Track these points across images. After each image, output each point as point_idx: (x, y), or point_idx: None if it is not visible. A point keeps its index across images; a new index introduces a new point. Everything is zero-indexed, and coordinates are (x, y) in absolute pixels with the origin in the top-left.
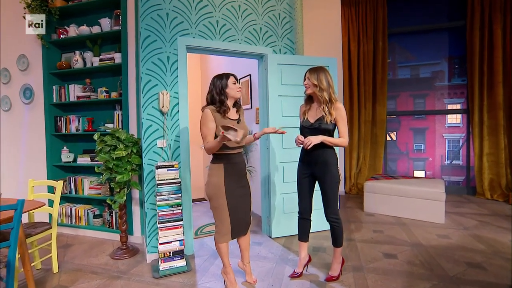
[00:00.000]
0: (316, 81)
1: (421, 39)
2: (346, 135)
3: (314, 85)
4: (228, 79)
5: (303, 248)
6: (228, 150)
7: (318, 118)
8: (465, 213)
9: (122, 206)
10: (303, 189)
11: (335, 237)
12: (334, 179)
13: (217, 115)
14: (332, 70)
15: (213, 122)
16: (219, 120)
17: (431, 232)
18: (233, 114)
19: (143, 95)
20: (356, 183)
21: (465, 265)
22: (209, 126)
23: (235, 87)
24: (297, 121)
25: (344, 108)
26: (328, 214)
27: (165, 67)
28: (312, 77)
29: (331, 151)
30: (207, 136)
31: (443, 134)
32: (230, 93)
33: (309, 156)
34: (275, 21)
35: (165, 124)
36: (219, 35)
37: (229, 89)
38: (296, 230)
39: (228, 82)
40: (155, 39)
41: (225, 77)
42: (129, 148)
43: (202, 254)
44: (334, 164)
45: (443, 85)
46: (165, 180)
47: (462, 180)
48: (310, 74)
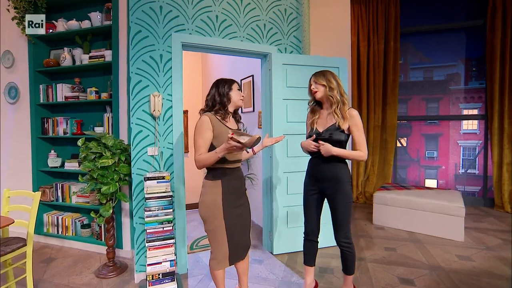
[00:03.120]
0: (324, 81)
1: (435, 40)
2: (364, 147)
3: (323, 85)
4: (233, 84)
5: (309, 273)
6: (227, 164)
7: (328, 127)
8: (485, 229)
9: (109, 219)
10: (310, 207)
11: (346, 264)
12: (346, 198)
13: (216, 123)
14: (342, 72)
15: (210, 132)
16: (219, 128)
17: (450, 252)
18: (233, 124)
19: (133, 97)
20: (364, 192)
21: None
22: (205, 135)
23: (239, 93)
24: (303, 128)
25: (359, 116)
26: (338, 238)
27: (158, 66)
28: (319, 79)
29: (343, 165)
30: (200, 147)
31: (457, 141)
32: (233, 98)
33: (317, 170)
34: (281, 17)
35: (157, 129)
36: (219, 32)
37: (233, 94)
38: (301, 246)
39: (232, 87)
40: (147, 35)
41: (230, 82)
42: (116, 155)
43: (196, 273)
44: (346, 181)
45: (459, 89)
46: (154, 193)
47: (478, 190)
48: (316, 77)
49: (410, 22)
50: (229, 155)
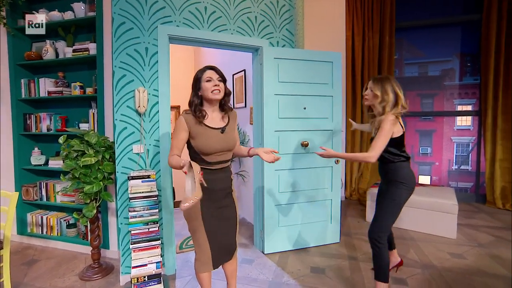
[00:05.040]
0: (379, 92)
1: (430, 34)
2: (373, 148)
3: (376, 96)
4: (202, 75)
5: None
6: (207, 165)
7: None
8: (477, 226)
9: (94, 219)
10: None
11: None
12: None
13: (192, 123)
14: (336, 67)
15: (185, 133)
16: (196, 129)
17: (442, 250)
18: (217, 120)
19: (116, 92)
20: (358, 188)
21: None
22: (178, 136)
23: (209, 85)
24: (295, 124)
25: (388, 120)
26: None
27: (143, 60)
28: (375, 88)
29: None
30: (173, 148)
31: (451, 137)
32: (204, 94)
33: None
34: (273, 10)
35: (142, 126)
36: (208, 24)
37: (202, 90)
38: (292, 246)
39: (201, 79)
40: (131, 26)
41: (200, 72)
42: (100, 153)
43: (185, 274)
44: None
45: (453, 85)
46: (139, 193)
47: (471, 186)
48: (374, 84)
49: (405, 17)
50: (210, 157)
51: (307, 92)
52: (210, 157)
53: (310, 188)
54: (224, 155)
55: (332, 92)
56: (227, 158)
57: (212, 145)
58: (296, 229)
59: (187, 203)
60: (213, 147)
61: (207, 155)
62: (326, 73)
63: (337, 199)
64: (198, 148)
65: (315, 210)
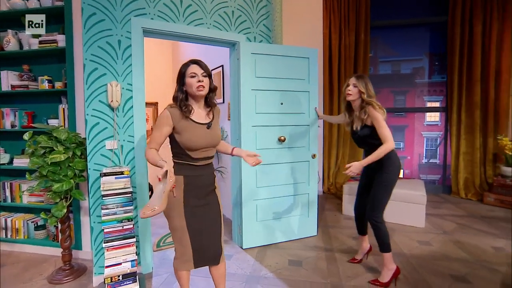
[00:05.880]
0: (363, 88)
1: (403, 34)
2: (386, 137)
3: (361, 92)
4: (186, 69)
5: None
6: (192, 161)
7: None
8: (443, 215)
9: (64, 219)
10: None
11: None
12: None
13: (178, 118)
14: (312, 63)
15: (169, 128)
16: (182, 123)
17: (412, 238)
18: (202, 116)
19: (87, 86)
20: (335, 183)
21: (450, 279)
22: (161, 130)
23: (193, 81)
24: (272, 119)
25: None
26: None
27: (116, 54)
28: (359, 83)
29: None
30: (153, 141)
31: (421, 132)
32: (188, 90)
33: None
34: (250, 5)
35: (116, 121)
36: (183, 18)
37: (186, 85)
38: (270, 240)
39: (185, 74)
40: (103, 18)
41: (184, 66)
42: (70, 150)
43: (162, 272)
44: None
45: (423, 82)
46: (112, 190)
47: (438, 178)
48: (357, 80)
49: (379, 16)
50: (195, 153)
51: (284, 88)
52: (196, 153)
53: (287, 182)
54: (209, 151)
55: (309, 87)
56: (211, 154)
57: (198, 141)
58: (274, 224)
59: (149, 212)
60: (199, 143)
61: (193, 151)
62: (303, 69)
63: (314, 193)
64: (184, 143)
65: (293, 204)
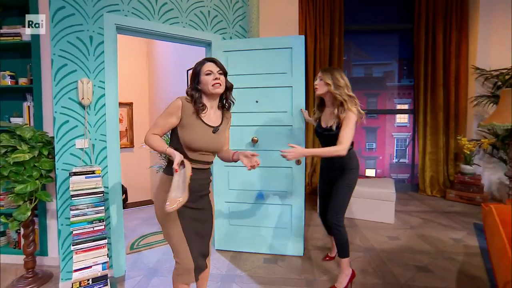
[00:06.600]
0: (330, 80)
1: (374, 39)
2: (343, 140)
3: (327, 84)
4: (202, 67)
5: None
6: (192, 163)
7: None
8: (411, 211)
9: (28, 223)
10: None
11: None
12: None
13: (188, 113)
14: (296, 52)
15: (176, 118)
16: (190, 120)
17: (382, 234)
18: (214, 118)
19: (56, 83)
20: (311, 183)
21: (414, 269)
22: (168, 119)
23: (209, 78)
24: (245, 119)
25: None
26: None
27: (87, 50)
28: (325, 77)
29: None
30: (157, 127)
31: (392, 133)
32: (203, 89)
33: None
34: (226, 5)
35: (87, 119)
36: (159, 16)
37: (201, 83)
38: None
39: (200, 72)
40: (73, 12)
41: (199, 64)
42: (36, 149)
43: (135, 274)
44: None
45: (394, 85)
46: (82, 190)
47: (407, 177)
48: (322, 73)
49: (352, 21)
50: (193, 154)
51: (262, 84)
52: (194, 155)
53: (263, 189)
54: (207, 156)
55: (292, 81)
56: (209, 160)
57: (200, 142)
58: (251, 232)
59: (174, 205)
60: (200, 144)
61: (191, 151)
62: (284, 61)
63: (299, 206)
64: (185, 140)
65: (271, 214)
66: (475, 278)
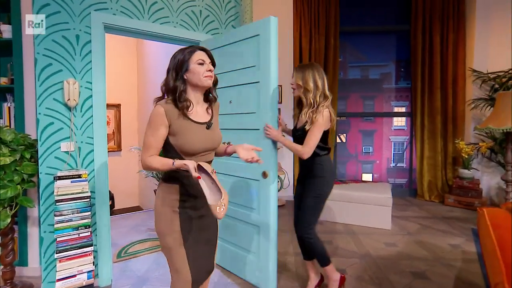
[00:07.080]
0: (300, 81)
1: (371, 40)
2: (306, 143)
3: (299, 86)
4: (192, 56)
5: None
6: None
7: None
8: (408, 217)
9: (7, 231)
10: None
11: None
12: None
13: (174, 116)
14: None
15: (165, 128)
16: (178, 123)
17: (379, 240)
18: (201, 113)
19: (40, 83)
20: None
21: (411, 276)
22: (158, 133)
23: (201, 69)
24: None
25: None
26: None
27: (74, 49)
28: (297, 77)
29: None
30: (150, 148)
31: (389, 136)
32: (192, 79)
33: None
34: (218, 5)
35: (73, 122)
36: (148, 15)
37: (190, 73)
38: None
39: (190, 60)
40: (58, 10)
41: (188, 52)
42: (17, 152)
43: (122, 284)
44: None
45: (391, 88)
46: (68, 195)
47: (405, 182)
48: (296, 72)
49: (348, 22)
50: (192, 158)
51: (235, 82)
52: (194, 158)
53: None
54: (208, 156)
55: (259, 75)
56: (210, 159)
57: (197, 144)
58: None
59: (222, 208)
60: (198, 146)
61: (190, 156)
62: (251, 52)
63: (268, 227)
64: (181, 147)
65: (237, 231)
66: (472, 285)
